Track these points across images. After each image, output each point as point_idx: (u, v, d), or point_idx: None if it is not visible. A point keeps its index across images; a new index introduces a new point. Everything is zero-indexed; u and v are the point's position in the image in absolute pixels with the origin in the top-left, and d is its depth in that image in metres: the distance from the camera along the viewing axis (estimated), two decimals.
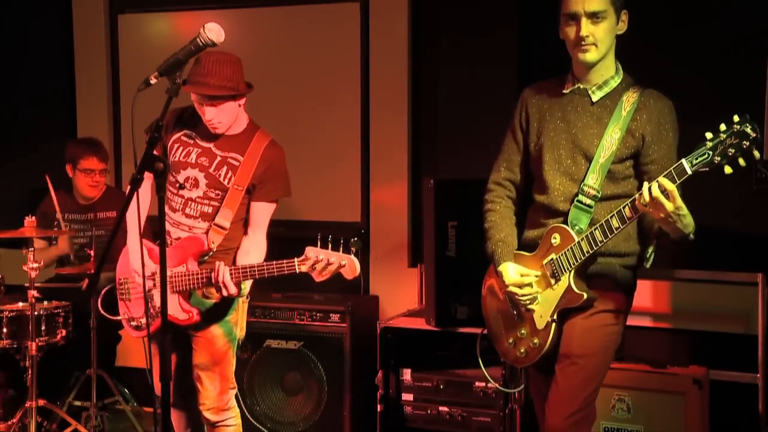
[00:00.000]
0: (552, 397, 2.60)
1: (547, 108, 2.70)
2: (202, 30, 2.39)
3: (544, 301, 2.63)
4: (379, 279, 4.45)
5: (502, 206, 2.79)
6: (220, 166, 3.05)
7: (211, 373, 3.12)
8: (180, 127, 3.12)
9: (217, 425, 3.17)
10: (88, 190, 4.32)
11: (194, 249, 3.04)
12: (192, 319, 3.04)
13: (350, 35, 4.44)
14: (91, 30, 4.96)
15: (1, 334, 3.69)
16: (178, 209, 3.08)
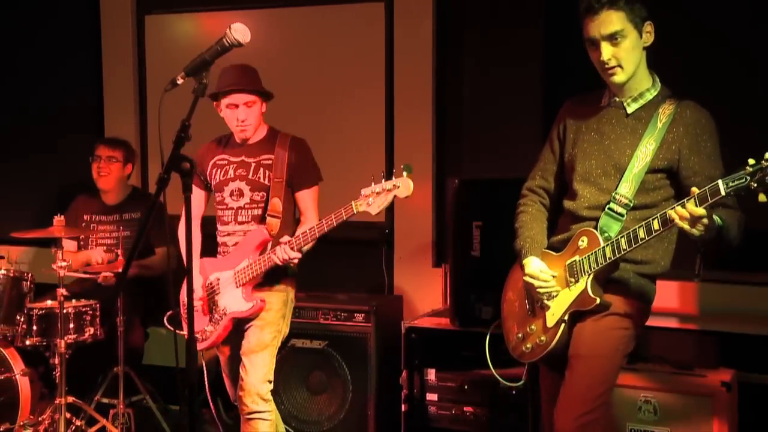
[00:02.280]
0: (561, 399, 2.62)
1: (583, 121, 2.74)
2: (228, 30, 2.40)
3: (559, 301, 2.66)
4: (403, 279, 4.45)
5: (534, 209, 2.85)
6: (257, 170, 3.34)
7: (256, 358, 3.27)
8: (213, 154, 3.44)
9: (254, 416, 3.27)
10: (97, 179, 4.37)
11: (256, 241, 3.27)
12: (256, 307, 3.26)
13: (375, 35, 4.45)
14: (118, 31, 5.01)
15: (31, 332, 3.76)
16: (230, 221, 3.36)
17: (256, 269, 3.23)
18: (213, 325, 3.33)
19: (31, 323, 3.76)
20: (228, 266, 3.33)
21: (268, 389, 3.30)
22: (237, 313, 3.27)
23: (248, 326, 3.31)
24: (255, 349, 3.27)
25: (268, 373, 3.31)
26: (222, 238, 3.40)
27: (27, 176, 5.26)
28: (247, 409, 3.27)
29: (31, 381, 3.83)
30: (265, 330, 3.29)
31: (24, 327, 3.78)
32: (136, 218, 4.40)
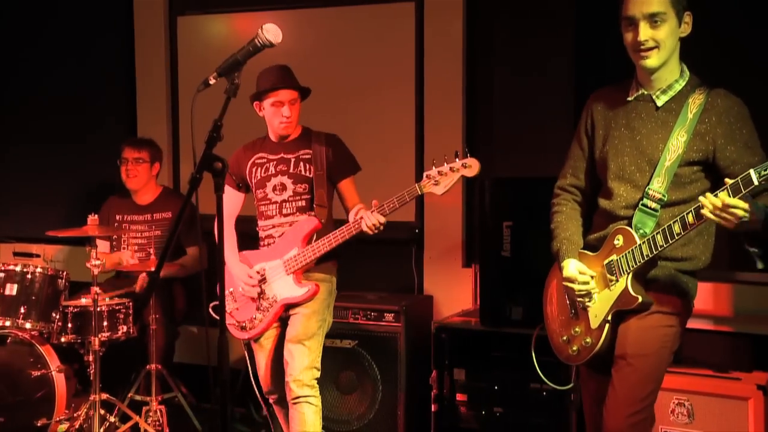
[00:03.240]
0: (610, 399, 2.58)
1: (612, 116, 2.68)
2: (260, 31, 2.42)
3: (600, 301, 2.62)
4: (433, 279, 4.45)
5: (569, 208, 2.81)
6: (297, 164, 3.47)
7: (302, 346, 3.34)
8: (251, 154, 3.54)
9: (300, 400, 3.33)
10: (125, 180, 4.43)
11: (305, 230, 3.39)
12: (311, 291, 3.36)
13: (405, 35, 4.44)
14: (151, 32, 5.06)
15: (66, 329, 3.81)
16: (275, 214, 3.46)
17: (310, 255, 3.34)
18: (262, 312, 3.42)
19: (66, 321, 3.81)
20: (274, 256, 3.42)
21: (314, 376, 3.38)
22: (290, 299, 3.37)
23: (293, 314, 3.39)
24: (302, 338, 3.35)
25: (315, 361, 3.38)
26: (267, 232, 3.48)
27: (62, 176, 5.33)
28: (292, 394, 3.34)
29: (67, 377, 3.88)
30: (311, 319, 3.37)
31: (59, 324, 3.83)
32: (167, 218, 4.45)
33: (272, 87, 3.38)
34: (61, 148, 5.34)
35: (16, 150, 5.46)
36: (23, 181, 5.44)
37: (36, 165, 5.41)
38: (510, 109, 4.34)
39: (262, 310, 3.42)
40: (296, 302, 3.38)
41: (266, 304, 3.42)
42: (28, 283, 3.86)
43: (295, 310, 3.39)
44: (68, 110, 5.30)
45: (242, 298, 3.48)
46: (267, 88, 3.38)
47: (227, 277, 3.50)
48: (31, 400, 3.77)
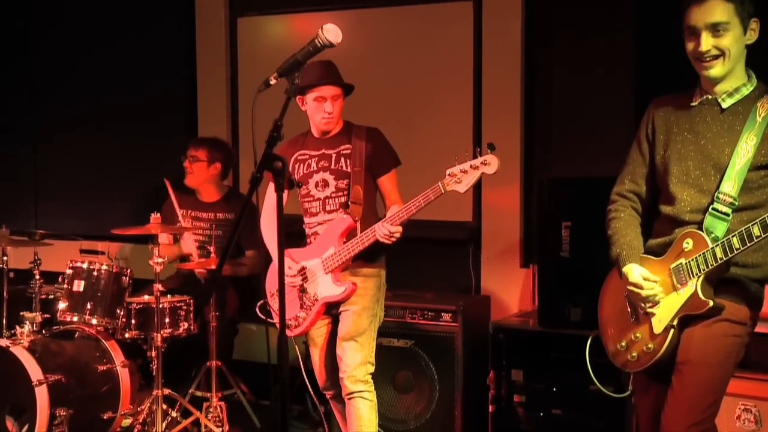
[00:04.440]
0: (669, 406, 2.51)
1: (674, 120, 2.62)
2: (320, 31, 2.44)
3: (665, 306, 2.55)
4: (490, 279, 4.43)
5: (627, 215, 2.73)
6: (338, 159, 3.45)
7: (354, 343, 3.36)
8: (293, 150, 3.54)
9: (354, 395, 3.35)
10: (186, 180, 4.49)
11: (341, 228, 3.38)
12: (348, 290, 3.36)
13: (463, 35, 4.43)
14: (212, 33, 5.13)
15: (130, 325, 3.89)
16: (319, 211, 3.46)
17: (345, 254, 3.33)
18: (305, 311, 3.42)
19: (130, 317, 3.89)
20: (314, 255, 3.43)
21: (368, 371, 3.39)
22: (329, 298, 3.38)
23: (343, 311, 3.40)
24: (353, 334, 3.36)
25: (368, 356, 3.39)
26: (312, 229, 3.49)
27: (127, 175, 5.45)
28: (347, 389, 3.36)
29: (131, 372, 3.96)
30: (361, 315, 3.38)
31: (123, 320, 3.91)
32: (229, 218, 4.50)
33: (316, 82, 3.37)
34: (126, 147, 5.47)
35: (84, 150, 5.61)
36: (90, 180, 5.59)
37: (102, 164, 5.55)
38: (569, 109, 4.30)
39: (305, 308, 3.43)
40: (335, 301, 3.38)
41: (308, 303, 3.43)
42: (94, 280, 3.95)
43: (344, 307, 3.40)
44: (133, 110, 5.42)
45: (288, 295, 3.45)
46: (310, 83, 3.37)
47: (272, 275, 3.55)
48: (98, 394, 3.85)
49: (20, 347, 3.68)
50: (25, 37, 5.74)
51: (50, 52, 5.67)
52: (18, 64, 5.77)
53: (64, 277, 3.98)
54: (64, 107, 5.64)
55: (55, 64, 5.65)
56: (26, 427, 3.63)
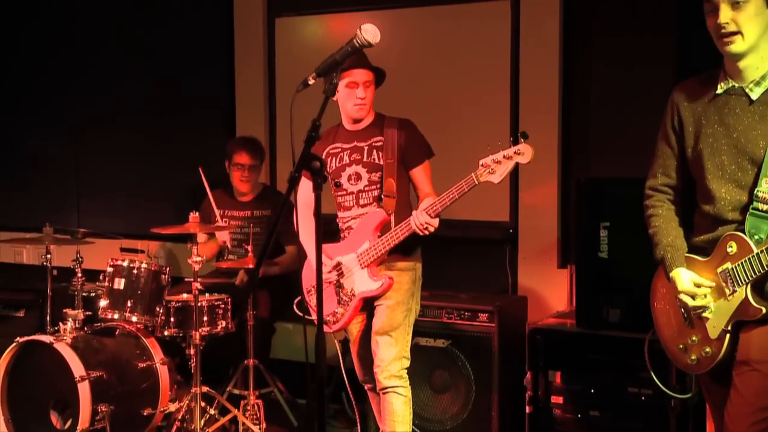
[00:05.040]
0: (732, 405, 2.45)
1: (701, 111, 2.53)
2: (358, 31, 2.45)
3: (717, 311, 2.48)
4: (527, 279, 4.40)
5: (665, 209, 2.66)
6: (370, 152, 3.43)
7: (388, 338, 3.35)
8: (325, 144, 3.51)
9: (388, 390, 3.36)
10: (238, 184, 4.53)
11: (375, 223, 3.36)
12: (385, 285, 3.34)
13: (500, 34, 4.41)
14: (250, 33, 5.17)
15: (169, 323, 3.94)
16: (352, 205, 3.44)
17: (381, 249, 3.31)
18: (342, 306, 3.42)
19: (169, 315, 3.94)
20: (349, 249, 3.42)
21: (402, 366, 3.38)
22: (366, 293, 3.36)
23: (378, 305, 3.39)
24: (387, 329, 3.36)
25: (403, 350, 3.38)
26: (347, 223, 3.47)
27: (164, 174, 5.52)
28: (381, 384, 3.37)
29: (170, 370, 4.00)
30: (396, 310, 3.37)
31: (162, 318, 3.96)
32: (266, 215, 4.54)
33: (347, 66, 3.23)
34: (165, 147, 5.53)
35: (124, 149, 5.68)
36: (130, 179, 5.67)
37: (141, 163, 5.62)
38: (608, 108, 4.26)
39: (343, 304, 3.42)
40: (372, 296, 3.37)
41: (346, 298, 3.41)
42: (134, 278, 3.99)
43: (379, 302, 3.39)
44: (173, 110, 5.48)
45: (325, 291, 3.34)
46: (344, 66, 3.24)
47: (308, 272, 3.54)
48: (138, 390, 3.90)
49: (63, 344, 3.74)
50: (67, 36, 5.83)
51: (91, 52, 5.75)
52: (60, 64, 5.87)
53: (105, 275, 4.03)
54: (105, 107, 5.72)
55: (97, 63, 5.73)
56: (70, 421, 3.69)
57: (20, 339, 3.83)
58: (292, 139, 2.44)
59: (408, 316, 3.42)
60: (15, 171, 6.02)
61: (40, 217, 4.47)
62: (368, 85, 3.38)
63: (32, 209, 5.83)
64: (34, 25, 5.97)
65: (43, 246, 4.20)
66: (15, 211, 5.90)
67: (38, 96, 5.97)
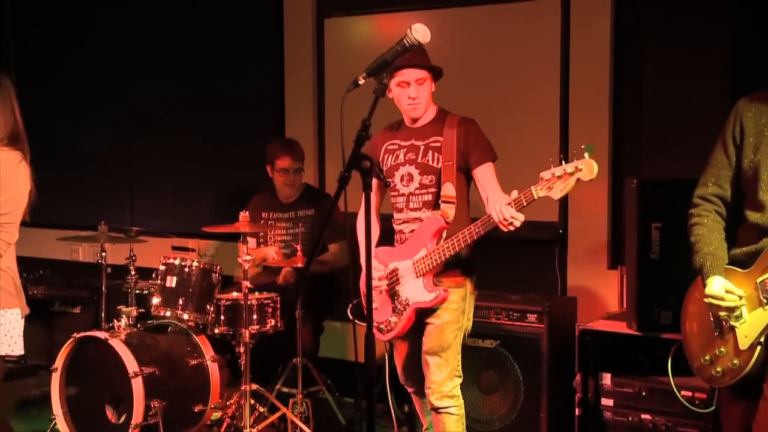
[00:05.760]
0: (761, 418, 2.41)
1: (765, 122, 2.50)
2: (408, 31, 2.45)
3: (751, 322, 2.45)
4: (577, 280, 4.36)
5: (710, 220, 2.64)
6: (426, 153, 3.28)
7: (439, 358, 3.26)
8: (385, 140, 3.42)
9: (440, 411, 3.29)
10: (283, 189, 4.55)
11: (433, 229, 3.21)
12: (439, 296, 3.19)
13: (550, 32, 4.37)
14: (299, 33, 5.21)
15: (219, 321, 3.98)
16: (403, 208, 3.32)
17: (437, 258, 3.16)
18: (396, 315, 3.30)
19: (220, 313, 3.98)
20: (406, 255, 3.28)
21: (454, 386, 3.30)
22: (420, 304, 3.23)
23: (428, 323, 3.27)
24: (437, 350, 3.26)
25: (454, 370, 3.30)
26: (398, 226, 3.36)
27: (215, 174, 5.59)
28: (433, 404, 3.30)
29: (220, 367, 4.04)
30: (445, 330, 3.25)
31: (213, 316, 4.00)
32: (309, 215, 4.57)
33: (398, 65, 3.12)
34: (215, 147, 5.60)
35: (175, 149, 5.77)
36: (181, 179, 5.76)
37: (192, 164, 5.70)
38: (660, 109, 4.21)
39: (397, 312, 3.31)
40: (426, 307, 3.23)
41: (400, 307, 3.30)
42: (186, 276, 4.04)
43: (429, 320, 3.26)
44: (223, 110, 5.55)
45: (380, 297, 3.37)
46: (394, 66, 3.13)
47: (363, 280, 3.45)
48: (189, 387, 3.95)
49: (118, 340, 3.81)
50: (122, 38, 5.94)
51: (145, 54, 5.86)
52: (115, 66, 5.99)
53: (157, 273, 4.09)
54: (158, 108, 5.83)
55: (150, 66, 5.83)
56: (124, 416, 3.76)
57: (77, 334, 3.91)
58: (342, 138, 2.45)
59: (458, 335, 3.29)
60: (72, 171, 6.16)
61: (96, 216, 4.58)
62: (421, 83, 3.24)
63: (88, 208, 5.97)
64: (89, 27, 6.10)
65: (98, 244, 4.29)
66: (71, 210, 6.04)
67: (94, 98, 6.10)
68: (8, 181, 2.89)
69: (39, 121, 6.20)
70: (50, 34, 6.30)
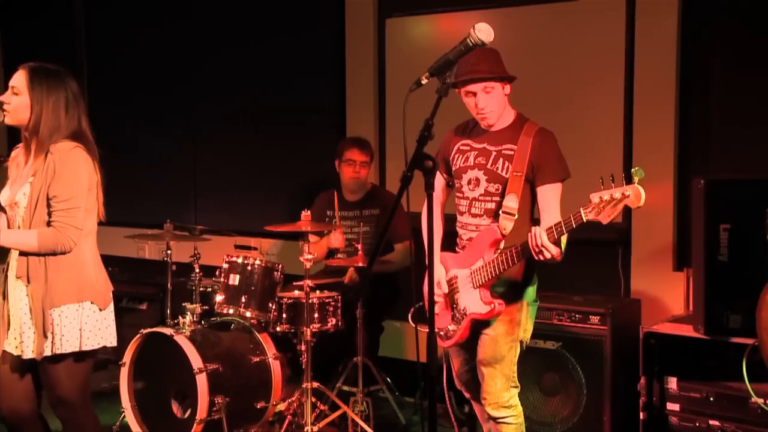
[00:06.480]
0: None
1: None
2: (472, 30, 2.43)
3: None
4: (641, 282, 4.29)
5: None
6: (497, 160, 3.16)
7: (493, 370, 3.19)
8: (458, 139, 3.31)
9: (498, 421, 3.24)
10: (349, 181, 4.57)
11: (489, 240, 3.12)
12: (494, 310, 3.11)
13: (614, 30, 4.31)
14: (361, 34, 5.23)
15: (281, 319, 4.02)
16: (465, 211, 3.24)
17: (493, 270, 3.08)
18: (455, 324, 3.25)
19: (281, 311, 4.02)
20: (464, 264, 3.22)
21: (510, 396, 3.22)
22: (476, 315, 3.17)
23: (483, 334, 3.21)
24: (491, 361, 3.20)
25: (510, 380, 3.22)
26: (459, 230, 3.30)
27: (277, 173, 5.66)
28: (490, 414, 3.25)
29: (282, 365, 4.08)
30: (499, 342, 3.18)
31: (275, 314, 4.04)
32: (374, 214, 4.59)
33: (461, 78, 3.06)
34: (277, 146, 5.67)
35: (239, 151, 5.86)
36: (244, 178, 5.84)
37: (255, 163, 5.78)
38: (728, 108, 4.11)
39: (455, 321, 3.24)
40: (481, 319, 3.16)
41: (458, 316, 3.23)
42: (248, 275, 4.08)
43: (484, 330, 3.19)
44: (285, 110, 5.61)
45: (440, 304, 3.30)
46: (458, 78, 3.05)
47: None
48: (251, 384, 4.00)
49: (183, 336, 3.88)
50: (188, 43, 6.06)
51: (207, 54, 5.96)
52: (181, 70, 6.11)
53: (220, 270, 4.14)
54: (222, 109, 5.92)
55: (213, 65, 5.93)
56: (189, 411, 3.83)
57: (144, 330, 4.00)
58: (405, 138, 2.44)
59: (513, 347, 3.20)
60: (138, 171, 6.31)
61: (162, 215, 4.67)
62: (488, 91, 3.09)
63: (154, 207, 6.11)
64: (157, 34, 6.23)
65: (164, 242, 4.38)
66: (138, 208, 6.19)
67: (161, 100, 6.23)
68: (63, 166, 2.90)
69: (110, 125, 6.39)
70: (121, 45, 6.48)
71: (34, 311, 2.91)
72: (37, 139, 2.93)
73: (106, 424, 4.25)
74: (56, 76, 2.98)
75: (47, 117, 2.92)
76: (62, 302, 2.94)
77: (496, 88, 3.11)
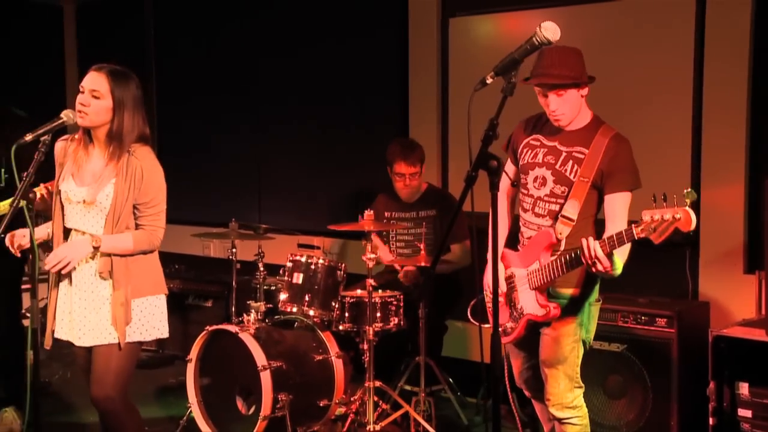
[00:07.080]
0: None
1: None
2: (538, 29, 2.42)
3: None
4: (709, 284, 4.19)
5: None
6: (566, 161, 3.07)
7: (555, 370, 3.15)
8: (529, 132, 3.21)
9: (563, 422, 3.20)
10: (401, 191, 4.56)
11: (544, 243, 3.07)
12: (549, 313, 3.07)
13: (683, 29, 4.22)
14: (424, 34, 5.23)
15: (344, 318, 4.05)
16: (529, 209, 3.18)
17: (549, 274, 3.02)
18: (513, 322, 3.23)
19: (344, 310, 4.05)
20: (523, 264, 3.17)
21: (575, 396, 3.16)
22: (532, 316, 3.12)
23: (543, 333, 3.16)
24: (553, 362, 3.15)
25: (572, 382, 3.16)
26: (521, 227, 3.22)
27: (338, 174, 5.70)
28: (554, 415, 3.21)
29: (344, 363, 4.10)
30: (561, 342, 3.12)
31: (338, 313, 4.07)
32: (431, 215, 4.57)
33: (531, 74, 3.00)
34: (339, 147, 5.71)
35: (302, 152, 5.92)
36: (307, 178, 5.90)
37: (318, 164, 5.84)
38: None
39: (513, 319, 3.21)
40: (537, 321, 3.11)
41: (516, 314, 3.19)
42: (312, 274, 4.11)
43: (544, 330, 3.14)
44: (347, 112, 5.65)
45: (500, 300, 3.24)
46: (532, 74, 2.99)
47: (488, 276, 3.33)
48: (314, 382, 4.03)
49: (247, 334, 3.94)
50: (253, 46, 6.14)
51: (272, 56, 6.03)
52: (246, 72, 6.20)
53: (284, 269, 4.19)
54: (285, 109, 5.99)
55: (276, 68, 6.00)
56: (253, 408, 3.89)
57: (209, 327, 4.07)
58: (469, 138, 2.43)
59: (575, 348, 3.13)
60: (205, 171, 6.44)
61: (227, 214, 4.75)
62: (560, 94, 2.98)
63: (219, 206, 6.22)
64: (225, 36, 6.34)
65: (229, 240, 4.45)
66: (204, 208, 6.31)
67: (228, 102, 6.33)
68: (151, 173, 3.04)
69: (179, 127, 6.54)
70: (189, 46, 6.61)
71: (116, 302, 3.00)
72: (119, 142, 3.02)
73: (173, 417, 4.35)
74: (131, 78, 3.07)
75: (129, 120, 3.02)
76: (144, 294, 3.08)
77: (570, 91, 3.00)
